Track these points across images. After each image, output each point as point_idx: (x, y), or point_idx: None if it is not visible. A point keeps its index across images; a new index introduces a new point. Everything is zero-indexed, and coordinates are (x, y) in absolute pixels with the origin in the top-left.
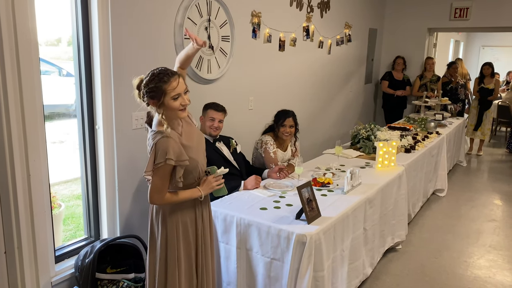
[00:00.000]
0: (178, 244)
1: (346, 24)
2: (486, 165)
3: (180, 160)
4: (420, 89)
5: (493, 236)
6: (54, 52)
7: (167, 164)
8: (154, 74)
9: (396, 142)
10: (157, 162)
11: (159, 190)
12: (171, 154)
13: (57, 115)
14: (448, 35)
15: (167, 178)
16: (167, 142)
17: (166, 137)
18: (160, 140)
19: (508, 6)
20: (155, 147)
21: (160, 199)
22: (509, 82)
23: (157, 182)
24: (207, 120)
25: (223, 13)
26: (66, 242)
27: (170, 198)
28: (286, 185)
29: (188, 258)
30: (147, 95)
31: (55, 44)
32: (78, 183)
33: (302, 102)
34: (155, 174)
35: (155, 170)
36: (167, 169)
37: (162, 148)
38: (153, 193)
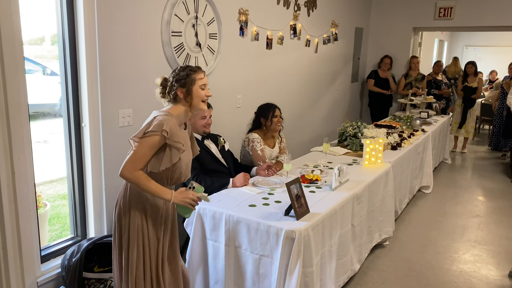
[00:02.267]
0: (144, 234)
1: (332, 22)
2: (470, 162)
3: (174, 141)
4: (406, 88)
5: (477, 232)
6: (38, 51)
7: (162, 136)
8: (183, 66)
9: (382, 139)
10: (150, 130)
11: (135, 161)
12: (167, 128)
13: (41, 114)
14: (433, 35)
15: (151, 152)
16: (167, 118)
17: (168, 115)
18: (163, 115)
19: (491, 6)
20: (153, 118)
21: (131, 171)
22: (492, 81)
23: (139, 150)
24: (199, 118)
25: (210, 11)
26: (52, 242)
27: (139, 177)
28: (275, 182)
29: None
30: (177, 83)
31: (39, 43)
32: (63, 182)
33: (290, 100)
34: (141, 143)
35: (143, 139)
36: (156, 142)
37: (160, 121)
38: (128, 161)
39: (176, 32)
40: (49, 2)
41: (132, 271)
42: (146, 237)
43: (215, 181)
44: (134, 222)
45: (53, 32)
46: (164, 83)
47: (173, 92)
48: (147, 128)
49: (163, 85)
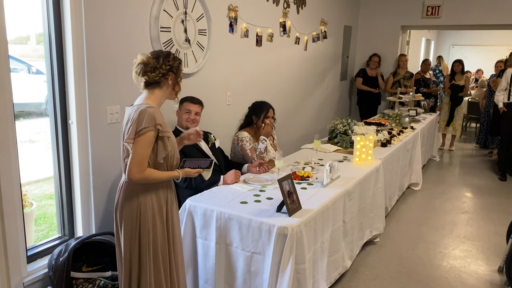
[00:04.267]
0: (151, 229)
1: (322, 20)
2: (458, 160)
3: (165, 131)
4: (394, 86)
5: (466, 227)
6: (23, 50)
7: (156, 129)
8: (173, 54)
9: (373, 136)
10: (144, 127)
11: (141, 160)
12: (159, 121)
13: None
14: (420, 34)
15: (150, 147)
16: (154, 110)
17: (152, 107)
18: (147, 108)
19: (477, 4)
20: (139, 114)
21: (140, 171)
22: (478, 79)
23: (139, 151)
24: (183, 113)
25: (199, 6)
26: (38, 242)
27: (150, 173)
28: (266, 179)
29: (160, 246)
30: (172, 70)
31: (24, 43)
32: (50, 182)
33: (280, 98)
34: (138, 142)
35: (139, 138)
36: (152, 137)
37: (149, 114)
38: (134, 165)
39: (165, 28)
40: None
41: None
42: (152, 234)
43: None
44: (143, 223)
45: (39, 31)
46: (153, 64)
47: (165, 76)
48: (138, 126)
49: (149, 65)
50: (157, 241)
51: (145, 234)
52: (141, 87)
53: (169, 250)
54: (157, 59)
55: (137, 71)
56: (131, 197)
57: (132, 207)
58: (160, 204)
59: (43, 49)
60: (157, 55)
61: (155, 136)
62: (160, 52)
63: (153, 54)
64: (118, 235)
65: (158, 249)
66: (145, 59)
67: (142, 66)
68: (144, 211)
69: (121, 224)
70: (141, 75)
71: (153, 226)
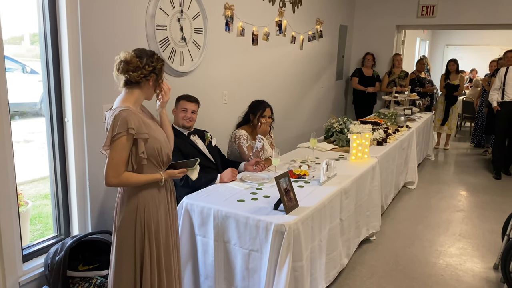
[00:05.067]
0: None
1: (317, 20)
2: (453, 159)
3: (140, 133)
4: (389, 85)
5: (462, 226)
6: (17, 50)
7: (129, 134)
8: (157, 54)
9: (369, 134)
10: (117, 133)
11: (116, 165)
12: (132, 124)
13: (21, 114)
14: (414, 35)
15: (125, 152)
16: (128, 113)
17: (126, 109)
18: (120, 112)
19: (472, 4)
20: (113, 119)
21: (116, 176)
22: (472, 79)
23: (114, 155)
24: (180, 111)
25: (195, 5)
26: (33, 241)
27: (127, 177)
28: (263, 178)
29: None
30: (155, 71)
31: (18, 43)
32: (45, 182)
33: (276, 97)
34: (112, 148)
35: (113, 143)
36: (127, 142)
37: (122, 119)
38: (109, 169)
39: (161, 26)
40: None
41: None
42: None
43: (202, 176)
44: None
45: (33, 31)
46: (136, 63)
47: (147, 78)
48: (112, 131)
49: (132, 64)
50: (160, 238)
51: (149, 233)
52: (121, 85)
53: (170, 247)
54: (140, 59)
55: (118, 69)
56: (132, 195)
57: (132, 205)
58: (162, 201)
59: (37, 49)
60: (140, 55)
61: (130, 140)
62: (143, 52)
63: (137, 52)
64: (117, 234)
65: (160, 246)
66: (128, 57)
67: (124, 64)
68: (147, 209)
69: (120, 223)
70: (122, 73)
71: (154, 224)
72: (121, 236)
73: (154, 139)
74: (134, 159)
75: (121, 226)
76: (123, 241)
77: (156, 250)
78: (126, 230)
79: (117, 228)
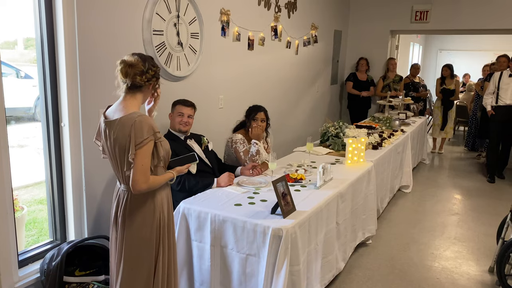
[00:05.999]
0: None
1: (312, 25)
2: (447, 162)
3: (161, 136)
4: (384, 90)
5: (457, 229)
6: (10, 55)
7: (156, 137)
8: (154, 60)
9: (365, 138)
10: (145, 138)
11: (145, 170)
12: (157, 128)
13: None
14: (408, 39)
15: (150, 157)
16: (147, 118)
17: (143, 115)
18: (141, 117)
19: (464, 10)
20: (138, 125)
21: (145, 181)
22: (466, 84)
23: (144, 161)
24: (176, 115)
25: (192, 10)
26: (29, 246)
27: (153, 180)
28: (260, 182)
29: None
30: (156, 75)
31: (11, 47)
32: (40, 187)
33: (271, 101)
34: (141, 154)
35: (141, 149)
36: (152, 147)
37: (148, 125)
38: (140, 175)
39: (157, 31)
40: (27, 4)
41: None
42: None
43: (199, 181)
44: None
45: (26, 36)
46: (141, 67)
47: (149, 82)
48: (136, 138)
49: (138, 68)
50: (171, 241)
51: (162, 234)
52: (123, 90)
53: (172, 251)
54: (143, 62)
55: (124, 73)
56: (149, 198)
57: (149, 210)
58: (169, 203)
59: (30, 54)
60: (143, 58)
61: (153, 144)
62: (143, 56)
63: (140, 56)
64: (121, 241)
65: (171, 249)
66: (134, 61)
67: (130, 68)
68: (161, 211)
69: (134, 229)
70: (129, 78)
71: (168, 226)
72: (138, 239)
73: (165, 142)
74: (153, 162)
75: (137, 232)
76: (140, 245)
77: (168, 253)
78: (142, 235)
79: (130, 234)
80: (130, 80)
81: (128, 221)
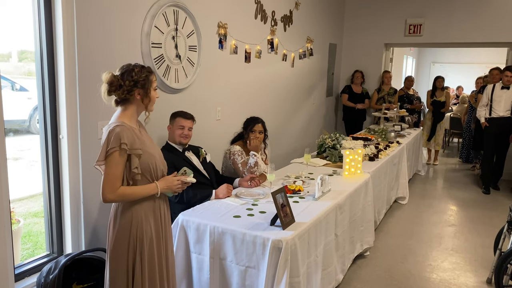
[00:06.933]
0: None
1: (308, 38)
2: (442, 174)
3: (133, 148)
4: (378, 102)
5: (454, 240)
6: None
7: (121, 149)
8: (140, 66)
9: (362, 150)
10: (110, 148)
11: (112, 180)
12: (125, 140)
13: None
14: (402, 52)
15: (119, 167)
16: (121, 129)
17: (121, 125)
18: (114, 127)
19: (456, 23)
20: (108, 134)
21: (112, 191)
22: (459, 96)
23: (109, 171)
24: (176, 128)
25: (190, 23)
26: (25, 260)
27: (124, 191)
28: (258, 193)
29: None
30: (137, 84)
31: (5, 60)
32: (34, 200)
33: (268, 113)
34: (107, 163)
35: (108, 158)
36: (120, 157)
37: (115, 134)
38: (105, 184)
39: (156, 44)
40: (22, 17)
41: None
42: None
43: (197, 193)
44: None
45: (21, 48)
46: (116, 82)
47: (130, 93)
48: (106, 147)
49: (113, 84)
50: (154, 256)
51: (141, 249)
52: (113, 105)
53: (163, 265)
54: (121, 76)
55: (104, 91)
56: (125, 210)
57: (126, 221)
58: (156, 217)
59: (25, 66)
60: (122, 72)
61: (123, 155)
62: (126, 68)
63: (119, 70)
64: (111, 251)
65: (154, 264)
66: (109, 78)
67: (107, 86)
68: (140, 224)
69: (113, 239)
70: (108, 95)
71: (149, 240)
72: (115, 253)
73: (150, 155)
74: (128, 174)
75: (115, 242)
76: (117, 258)
77: (148, 268)
78: (119, 246)
79: (111, 244)
80: (113, 96)
81: (111, 231)
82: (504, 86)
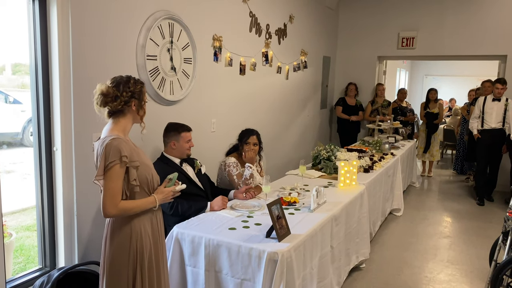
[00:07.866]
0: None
1: (302, 51)
2: (436, 186)
3: (132, 161)
4: (372, 114)
5: (449, 252)
6: None
7: (122, 162)
8: (134, 78)
9: (356, 161)
10: (110, 161)
11: (113, 195)
12: (125, 152)
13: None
14: (395, 65)
15: (120, 180)
16: (118, 141)
17: (116, 138)
18: (111, 140)
19: (448, 36)
20: (105, 148)
21: (114, 206)
22: (452, 108)
23: (110, 185)
24: (184, 142)
25: (185, 36)
26: (16, 274)
27: (125, 205)
28: (253, 205)
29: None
30: (134, 96)
31: None
32: (26, 213)
33: (263, 125)
34: (107, 177)
35: (107, 173)
36: (121, 170)
37: (114, 147)
38: (107, 199)
39: (151, 56)
40: (16, 30)
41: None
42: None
43: (192, 205)
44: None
45: (15, 61)
46: (112, 93)
47: (128, 104)
48: (105, 161)
49: (109, 95)
50: (153, 268)
51: (141, 261)
52: (105, 116)
53: (162, 277)
54: (117, 87)
55: (98, 102)
56: (123, 224)
57: (125, 234)
58: (153, 228)
59: (19, 79)
60: (117, 83)
61: (123, 168)
62: (120, 79)
63: (113, 81)
64: (106, 266)
65: (154, 276)
66: (105, 90)
67: (102, 97)
68: (139, 237)
69: (112, 253)
70: (102, 106)
71: (147, 254)
72: (114, 267)
73: (146, 166)
74: (126, 187)
75: (113, 257)
76: (116, 273)
77: (149, 282)
78: (119, 261)
79: (109, 259)
80: (106, 107)
81: (108, 246)
82: (495, 98)
